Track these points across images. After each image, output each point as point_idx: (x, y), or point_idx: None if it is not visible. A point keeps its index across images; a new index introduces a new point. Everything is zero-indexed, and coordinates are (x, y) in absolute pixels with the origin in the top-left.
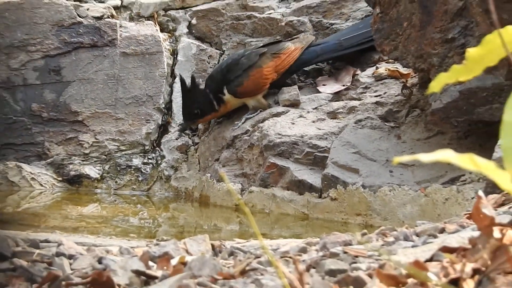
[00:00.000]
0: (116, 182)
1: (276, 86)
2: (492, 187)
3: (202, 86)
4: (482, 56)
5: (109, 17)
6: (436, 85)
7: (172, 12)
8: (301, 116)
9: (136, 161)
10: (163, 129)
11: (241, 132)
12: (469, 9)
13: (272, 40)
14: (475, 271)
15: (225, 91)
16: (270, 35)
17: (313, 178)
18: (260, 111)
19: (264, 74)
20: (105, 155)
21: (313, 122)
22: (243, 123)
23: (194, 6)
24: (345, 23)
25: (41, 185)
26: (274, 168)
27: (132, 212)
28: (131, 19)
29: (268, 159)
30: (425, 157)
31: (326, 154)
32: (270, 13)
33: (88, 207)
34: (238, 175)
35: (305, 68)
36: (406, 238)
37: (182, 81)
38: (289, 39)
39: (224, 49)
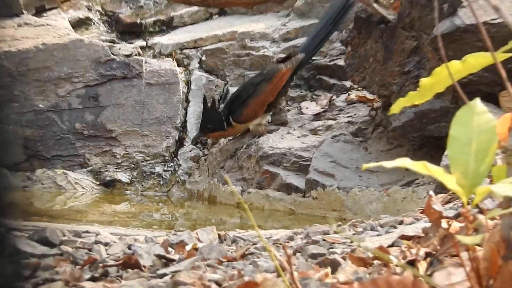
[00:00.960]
0: (142, 185)
1: (272, 105)
2: (440, 188)
3: (220, 109)
4: (432, 84)
5: (136, 55)
6: (396, 107)
7: (186, 51)
8: (288, 133)
9: (158, 169)
10: (179, 143)
11: (242, 146)
12: (421, 48)
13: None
14: (427, 254)
15: (231, 120)
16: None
17: (298, 181)
18: (259, 136)
19: (261, 101)
20: (133, 164)
21: (298, 137)
22: (244, 148)
23: (203, 46)
24: (323, 60)
25: (83, 188)
26: (268, 174)
27: (155, 209)
28: (154, 56)
29: (263, 167)
30: (388, 164)
31: (308, 163)
32: (264, 52)
33: (120, 205)
34: (239, 179)
35: (291, 95)
36: (372, 229)
37: (205, 100)
38: (282, 60)
39: (228, 80)
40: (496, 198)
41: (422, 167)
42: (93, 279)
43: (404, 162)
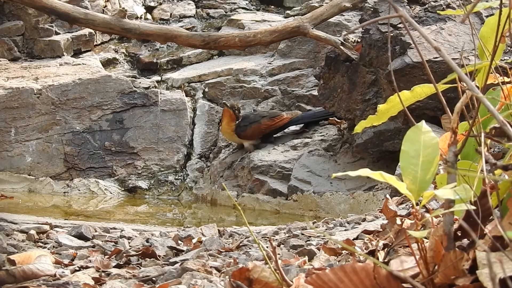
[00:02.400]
0: (158, 191)
1: (266, 137)
2: (395, 192)
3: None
4: (387, 109)
5: (153, 88)
6: (358, 128)
7: (192, 84)
8: (274, 148)
9: (171, 178)
10: (187, 157)
11: (237, 159)
12: (379, 80)
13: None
14: (385, 246)
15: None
16: (254, 98)
17: (282, 187)
18: (250, 152)
19: (260, 128)
20: (151, 174)
21: (282, 152)
22: (239, 161)
23: (206, 80)
24: (301, 90)
25: (111, 193)
26: (257, 181)
27: (168, 210)
28: (167, 88)
29: (254, 175)
30: (352, 173)
31: (290, 172)
32: (254, 84)
33: (140, 207)
34: (235, 186)
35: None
36: (341, 225)
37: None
38: (285, 111)
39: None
40: (439, 200)
41: (379, 176)
42: (118, 266)
43: (365, 171)
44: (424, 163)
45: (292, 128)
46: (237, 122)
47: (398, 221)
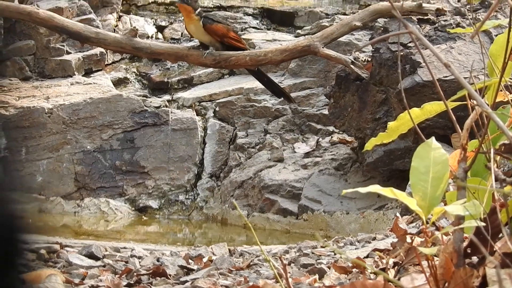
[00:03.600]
0: (168, 210)
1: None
2: (405, 211)
3: None
4: (397, 127)
5: (164, 107)
6: (369, 145)
7: (203, 103)
8: (284, 168)
9: (181, 197)
10: (198, 177)
11: (247, 178)
12: (389, 99)
13: None
14: (395, 263)
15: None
16: (265, 117)
17: (292, 206)
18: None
19: (228, 32)
20: (161, 193)
21: (292, 171)
22: (249, 180)
23: (217, 99)
24: (311, 109)
25: (121, 213)
26: (268, 201)
27: (178, 230)
28: (178, 108)
29: (264, 195)
30: (362, 190)
31: (300, 192)
32: (265, 103)
33: (151, 226)
34: (245, 205)
35: (286, 137)
36: (351, 244)
37: None
38: None
39: (236, 126)
40: (449, 218)
41: (389, 192)
42: (129, 285)
43: (376, 188)
44: (434, 179)
45: (303, 147)
46: (198, 12)
47: (408, 239)
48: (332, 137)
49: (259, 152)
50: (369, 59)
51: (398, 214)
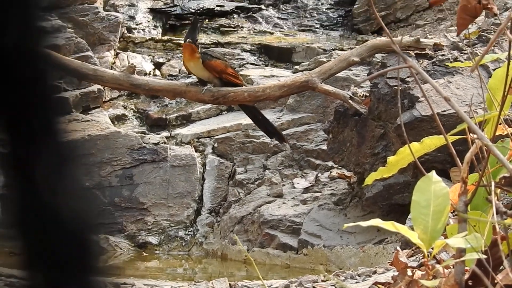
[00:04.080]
0: (168, 246)
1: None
2: (405, 245)
3: None
4: (397, 161)
5: (162, 143)
6: (369, 180)
7: (202, 139)
8: (284, 203)
9: (181, 233)
10: (197, 212)
11: (247, 213)
12: (388, 134)
13: None
14: None
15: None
16: (264, 153)
17: (292, 241)
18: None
19: (227, 69)
20: (161, 229)
21: (292, 206)
22: (249, 215)
23: (216, 136)
24: (310, 145)
25: (121, 249)
26: (268, 236)
27: (179, 265)
28: (177, 144)
29: (264, 230)
30: (364, 223)
31: (300, 227)
32: (263, 139)
33: (151, 262)
34: (245, 240)
35: (285, 173)
36: (352, 277)
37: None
38: None
39: (235, 162)
40: (450, 252)
41: (391, 225)
42: None
43: (377, 221)
44: (435, 212)
45: (302, 183)
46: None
47: (409, 272)
48: (331, 172)
49: (258, 187)
50: (368, 94)
51: (398, 248)
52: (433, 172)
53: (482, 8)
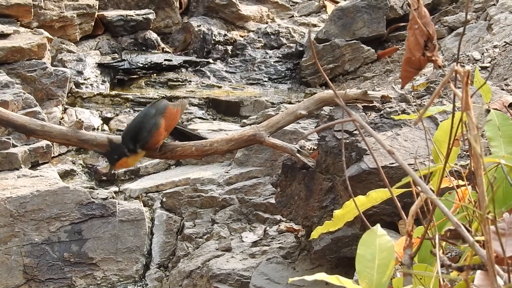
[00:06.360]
0: None
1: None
2: None
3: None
4: (343, 215)
5: (111, 198)
6: (315, 234)
7: (150, 194)
8: (232, 257)
9: None
10: (146, 267)
11: (195, 267)
12: (335, 187)
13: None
14: None
15: (138, 147)
16: (212, 207)
17: None
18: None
19: (160, 134)
20: (110, 284)
21: (240, 260)
22: (197, 269)
23: (164, 190)
24: (258, 199)
25: None
26: None
27: None
28: (125, 199)
29: (213, 284)
30: (309, 278)
31: (248, 280)
32: (212, 193)
33: None
34: None
35: (234, 227)
36: None
37: (109, 142)
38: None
39: (183, 216)
40: None
41: (335, 279)
42: None
43: (322, 276)
44: (380, 266)
45: (251, 236)
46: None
47: None
48: (279, 225)
49: (206, 242)
50: (315, 147)
51: None
52: (378, 226)
53: (426, 61)
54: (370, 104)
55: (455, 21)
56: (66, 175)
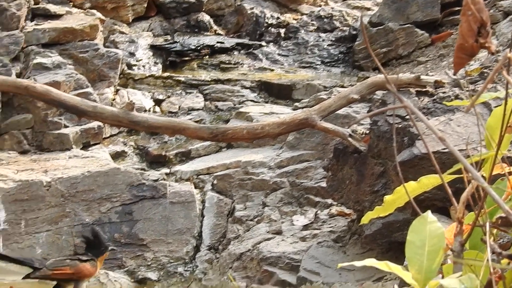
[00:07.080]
0: (167, 282)
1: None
2: (403, 283)
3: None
4: (394, 200)
5: (162, 180)
6: (365, 219)
7: (201, 176)
8: (283, 240)
9: (180, 269)
10: (197, 249)
11: (246, 250)
12: (387, 172)
13: None
14: None
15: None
16: (263, 190)
17: (291, 278)
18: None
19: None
20: (160, 265)
21: (291, 243)
22: (248, 252)
23: (215, 172)
24: (309, 182)
25: (120, 284)
26: (266, 273)
27: None
28: (176, 181)
29: (263, 267)
30: (358, 263)
31: (299, 264)
32: (263, 176)
33: None
34: (244, 277)
35: (285, 210)
36: None
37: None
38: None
39: (234, 199)
40: None
41: (384, 265)
42: None
43: (371, 261)
44: (430, 253)
45: (301, 220)
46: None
47: None
48: (330, 209)
49: (257, 224)
50: (367, 132)
51: (395, 286)
52: (429, 212)
53: (479, 47)
54: (423, 89)
55: (510, 6)
56: (117, 156)
